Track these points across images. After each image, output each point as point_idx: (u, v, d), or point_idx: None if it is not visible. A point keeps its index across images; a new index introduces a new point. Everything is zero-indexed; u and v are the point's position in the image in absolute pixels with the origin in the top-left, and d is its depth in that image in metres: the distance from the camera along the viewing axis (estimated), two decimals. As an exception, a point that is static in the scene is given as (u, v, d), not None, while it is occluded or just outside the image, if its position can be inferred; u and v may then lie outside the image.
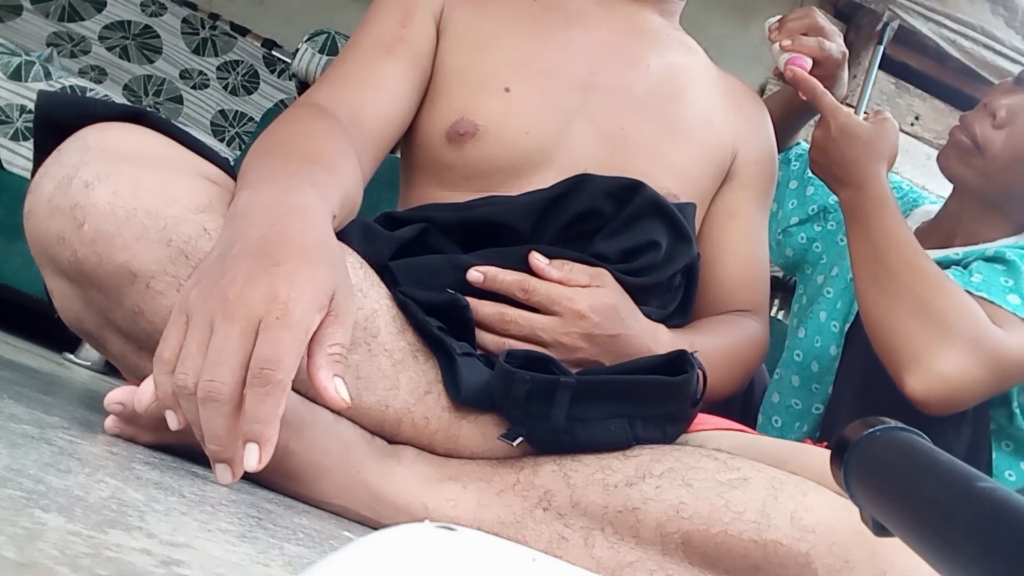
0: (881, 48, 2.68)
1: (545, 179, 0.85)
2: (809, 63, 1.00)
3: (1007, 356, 0.87)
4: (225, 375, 0.50)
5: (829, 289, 1.16)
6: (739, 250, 0.97)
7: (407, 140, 0.92)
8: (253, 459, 0.50)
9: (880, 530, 0.38)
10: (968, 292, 0.91)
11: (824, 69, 1.02)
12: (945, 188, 1.14)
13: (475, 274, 0.76)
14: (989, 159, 1.03)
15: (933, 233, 1.13)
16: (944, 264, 0.99)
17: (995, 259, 0.97)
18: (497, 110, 0.87)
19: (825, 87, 0.98)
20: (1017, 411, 1.00)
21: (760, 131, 1.03)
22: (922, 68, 2.84)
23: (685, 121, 0.93)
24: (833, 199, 1.23)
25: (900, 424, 0.40)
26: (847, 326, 1.08)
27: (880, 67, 2.71)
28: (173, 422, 0.53)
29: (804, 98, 1.00)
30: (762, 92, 2.83)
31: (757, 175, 1.01)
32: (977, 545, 0.30)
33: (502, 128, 0.86)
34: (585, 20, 0.95)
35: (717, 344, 0.87)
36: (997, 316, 0.89)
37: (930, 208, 1.21)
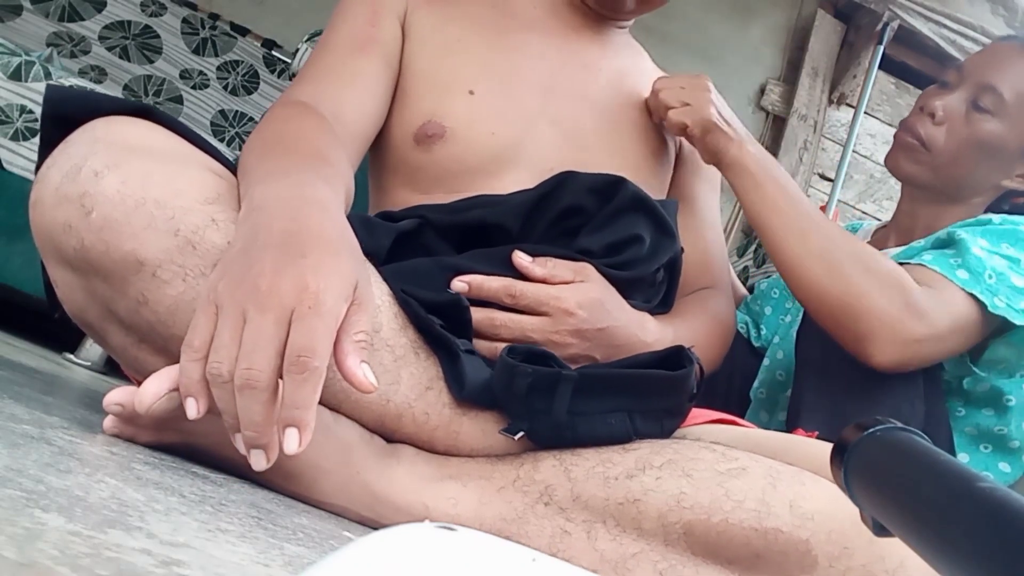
0: (881, 48, 2.68)
1: (514, 178, 0.87)
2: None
3: (946, 316, 0.92)
4: (262, 363, 0.51)
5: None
6: (697, 231, 1.00)
7: (376, 143, 0.93)
8: (294, 443, 0.51)
9: (880, 530, 0.38)
10: (921, 264, 0.95)
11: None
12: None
13: (459, 284, 0.77)
14: (936, 154, 1.10)
15: (893, 233, 1.19)
16: (911, 255, 1.02)
17: (946, 243, 1.01)
18: (463, 112, 0.89)
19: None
20: (1012, 407, 1.01)
21: None
22: (922, 68, 2.85)
23: (635, 122, 0.97)
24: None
25: (900, 424, 0.40)
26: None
27: (880, 67, 2.71)
28: (192, 410, 0.54)
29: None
30: (762, 92, 2.83)
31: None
32: (977, 545, 0.30)
33: (468, 130, 0.88)
34: (541, 27, 0.98)
35: (695, 328, 0.90)
36: (933, 280, 0.93)
37: (868, 227, 1.28)
